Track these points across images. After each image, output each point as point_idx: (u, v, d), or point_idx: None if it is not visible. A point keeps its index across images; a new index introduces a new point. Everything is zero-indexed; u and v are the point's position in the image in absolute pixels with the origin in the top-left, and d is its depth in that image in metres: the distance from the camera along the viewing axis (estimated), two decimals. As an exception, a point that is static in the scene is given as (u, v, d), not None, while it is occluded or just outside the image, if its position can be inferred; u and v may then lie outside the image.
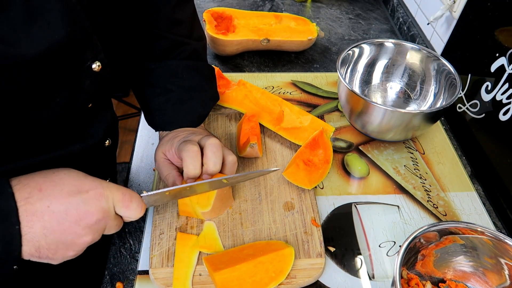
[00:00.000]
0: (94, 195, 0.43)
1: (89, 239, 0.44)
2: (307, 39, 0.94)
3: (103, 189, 0.44)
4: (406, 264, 0.53)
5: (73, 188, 0.43)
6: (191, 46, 0.65)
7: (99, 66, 0.48)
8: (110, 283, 0.56)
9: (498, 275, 0.52)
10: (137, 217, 0.48)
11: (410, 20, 1.07)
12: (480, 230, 0.52)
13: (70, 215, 0.42)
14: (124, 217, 0.48)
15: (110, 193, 0.45)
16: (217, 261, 0.54)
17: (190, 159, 0.54)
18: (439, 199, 0.68)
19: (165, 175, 0.58)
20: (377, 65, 0.84)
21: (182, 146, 0.56)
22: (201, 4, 1.14)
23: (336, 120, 0.81)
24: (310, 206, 0.63)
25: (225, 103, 0.77)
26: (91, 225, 0.43)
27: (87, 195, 0.43)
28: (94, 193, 0.43)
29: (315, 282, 0.57)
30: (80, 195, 0.42)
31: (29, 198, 0.40)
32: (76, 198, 0.42)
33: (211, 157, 0.54)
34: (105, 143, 0.60)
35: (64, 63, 0.43)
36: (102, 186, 0.45)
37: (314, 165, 0.68)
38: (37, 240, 0.40)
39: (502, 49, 0.68)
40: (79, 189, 0.43)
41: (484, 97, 0.72)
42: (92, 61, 0.48)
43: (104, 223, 0.44)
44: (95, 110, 0.54)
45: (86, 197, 0.43)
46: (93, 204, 0.43)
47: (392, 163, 0.74)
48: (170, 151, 0.59)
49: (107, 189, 0.45)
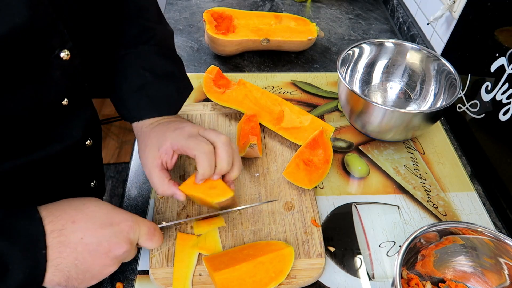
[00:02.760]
0: (124, 227, 0.46)
1: (113, 269, 0.46)
2: (307, 39, 0.94)
3: (132, 223, 0.47)
4: (406, 264, 0.53)
5: (105, 221, 0.45)
6: (160, 32, 0.64)
7: (67, 55, 0.47)
8: (110, 283, 0.56)
9: (498, 275, 0.52)
10: (156, 247, 0.51)
11: (410, 20, 1.07)
12: (480, 230, 0.52)
13: (101, 246, 0.44)
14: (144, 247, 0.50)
15: (138, 226, 0.48)
16: (217, 261, 0.54)
17: (206, 162, 0.52)
18: (439, 199, 0.68)
19: (161, 192, 0.55)
20: (377, 65, 0.84)
21: (192, 144, 0.52)
22: (201, 4, 1.14)
23: (336, 120, 0.81)
24: (310, 206, 0.63)
25: (225, 103, 0.77)
26: (118, 256, 0.45)
27: (118, 228, 0.45)
28: (124, 225, 0.46)
29: (315, 282, 0.56)
30: (112, 228, 0.45)
31: (63, 230, 0.42)
32: (108, 231, 0.45)
33: (225, 157, 0.53)
34: (86, 143, 0.58)
35: (28, 49, 0.43)
36: (132, 219, 0.47)
37: (314, 165, 0.68)
38: (68, 270, 0.42)
39: (502, 49, 0.68)
40: (110, 222, 0.45)
41: (484, 97, 0.72)
42: (60, 49, 0.47)
43: (128, 254, 0.47)
44: (72, 108, 0.53)
45: (117, 229, 0.45)
46: (123, 236, 0.46)
47: (392, 163, 0.74)
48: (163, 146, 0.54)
49: (136, 223, 0.48)
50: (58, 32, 0.46)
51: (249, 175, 0.67)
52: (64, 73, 0.49)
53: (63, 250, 0.42)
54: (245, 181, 0.66)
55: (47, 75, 0.47)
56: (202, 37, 1.02)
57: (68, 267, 0.42)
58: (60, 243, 0.42)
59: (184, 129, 0.55)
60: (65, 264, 0.42)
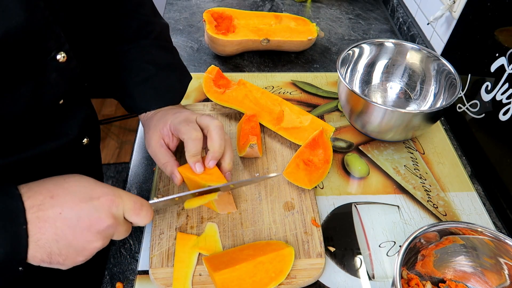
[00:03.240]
0: (105, 201, 0.44)
1: (99, 244, 0.44)
2: (307, 39, 0.94)
3: (114, 196, 0.45)
4: (406, 264, 0.53)
5: (84, 195, 0.44)
6: (158, 26, 0.67)
7: (64, 57, 0.48)
8: (110, 283, 0.56)
9: (498, 275, 0.52)
10: (146, 223, 0.49)
11: (410, 20, 1.07)
12: (480, 230, 0.52)
13: (81, 221, 0.43)
14: (134, 223, 0.49)
15: (121, 200, 0.46)
16: (217, 261, 0.54)
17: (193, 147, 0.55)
18: (439, 199, 0.68)
19: (163, 163, 0.58)
20: (377, 65, 0.84)
21: (183, 129, 0.56)
22: (201, 4, 1.14)
23: (336, 120, 0.81)
24: (310, 206, 0.63)
25: (225, 102, 0.77)
26: (102, 231, 0.44)
27: (98, 202, 0.44)
28: (105, 199, 0.44)
29: (315, 282, 0.56)
30: (92, 202, 0.43)
31: (41, 205, 0.42)
32: (87, 205, 0.43)
33: (216, 139, 0.56)
34: (83, 142, 0.59)
35: (24, 51, 0.43)
36: (113, 193, 0.46)
37: (314, 165, 0.68)
38: (49, 246, 0.41)
39: (502, 49, 0.68)
40: (90, 196, 0.44)
41: (484, 97, 0.72)
42: (56, 51, 0.47)
43: (114, 229, 0.45)
44: (68, 107, 0.54)
45: (97, 203, 0.44)
46: (104, 210, 0.44)
47: (392, 163, 0.74)
48: (164, 129, 0.58)
49: (118, 196, 0.46)
50: (55, 35, 0.46)
51: (249, 175, 0.67)
52: (60, 75, 0.49)
53: (42, 225, 0.41)
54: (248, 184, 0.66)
55: (43, 77, 0.47)
56: (202, 37, 1.02)
57: (48, 242, 0.41)
58: (38, 218, 0.41)
59: (182, 114, 0.59)
60: (45, 240, 0.41)
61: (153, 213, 0.49)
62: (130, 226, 0.48)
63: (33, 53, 0.44)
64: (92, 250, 0.44)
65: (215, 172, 0.57)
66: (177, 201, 0.55)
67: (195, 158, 0.55)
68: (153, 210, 0.49)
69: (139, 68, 0.63)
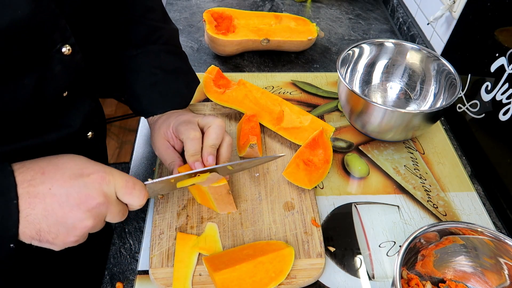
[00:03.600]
0: (95, 178, 0.44)
1: (90, 223, 0.43)
2: (307, 39, 0.94)
3: (105, 173, 0.44)
4: (406, 264, 0.53)
5: (75, 172, 0.43)
6: (167, 31, 0.67)
7: (69, 50, 0.48)
8: (110, 283, 0.56)
9: (498, 275, 0.52)
10: (139, 204, 0.48)
11: (410, 20, 1.07)
12: (480, 230, 0.52)
13: (71, 198, 0.42)
14: (128, 205, 0.48)
15: (113, 178, 0.45)
16: (217, 261, 0.54)
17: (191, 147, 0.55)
18: (439, 199, 0.68)
19: (169, 163, 0.59)
20: (377, 65, 0.84)
21: (182, 129, 0.56)
22: (201, 4, 1.14)
23: (336, 120, 0.81)
24: (310, 206, 0.63)
25: (225, 103, 0.77)
26: (92, 208, 0.43)
27: (88, 179, 0.43)
28: (95, 176, 0.44)
29: (315, 282, 0.56)
30: (82, 179, 0.43)
31: (32, 180, 0.41)
32: (77, 182, 0.43)
33: (211, 135, 0.56)
34: (87, 136, 0.59)
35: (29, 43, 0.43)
36: (104, 170, 0.45)
37: (314, 165, 0.68)
38: (38, 222, 0.41)
39: (502, 49, 0.68)
40: (81, 173, 0.43)
41: (484, 97, 0.72)
42: (61, 44, 0.47)
43: (105, 208, 0.44)
44: (71, 99, 0.54)
45: (87, 180, 0.43)
46: (94, 187, 0.43)
47: (392, 163, 0.74)
48: (168, 132, 0.59)
49: (110, 174, 0.45)
50: (60, 27, 0.46)
51: (249, 175, 0.67)
52: (65, 67, 0.49)
53: (31, 200, 0.40)
54: (245, 181, 0.66)
55: (48, 69, 0.47)
56: (202, 37, 1.02)
57: (37, 218, 0.41)
58: (28, 193, 0.41)
59: (185, 116, 0.60)
60: (34, 216, 0.41)
61: (147, 195, 0.48)
62: (125, 208, 0.48)
63: (38, 45, 0.44)
64: (83, 230, 0.43)
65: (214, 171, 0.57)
66: (173, 183, 0.53)
67: (193, 157, 0.55)
68: (147, 192, 0.48)
69: (147, 73, 0.64)
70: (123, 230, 0.62)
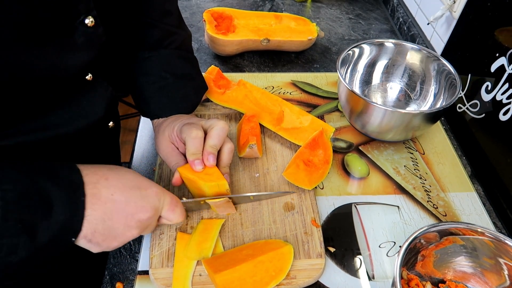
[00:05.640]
0: (151, 193, 0.48)
1: (136, 233, 0.47)
2: (307, 39, 0.94)
3: (158, 190, 0.49)
4: (406, 264, 0.53)
5: (134, 184, 0.47)
6: (180, 36, 0.68)
7: (92, 22, 0.48)
8: (110, 283, 0.56)
9: (498, 276, 0.53)
10: (178, 221, 0.52)
11: (410, 20, 1.07)
12: (480, 230, 0.52)
13: (129, 206, 0.45)
14: (166, 220, 0.52)
15: (163, 194, 0.49)
16: (217, 263, 0.54)
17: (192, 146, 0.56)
18: (439, 199, 0.68)
19: (173, 165, 0.59)
20: (377, 65, 0.84)
21: (185, 130, 0.57)
22: (201, 4, 1.14)
23: (336, 120, 0.81)
24: (310, 207, 0.63)
25: (225, 103, 0.77)
26: (143, 220, 0.47)
27: (145, 192, 0.47)
28: (151, 191, 0.48)
29: (315, 282, 0.56)
30: (140, 191, 0.47)
31: (97, 183, 0.44)
32: (136, 193, 0.47)
33: (213, 136, 0.57)
34: (109, 125, 0.61)
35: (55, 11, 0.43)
36: (157, 186, 0.50)
37: (314, 165, 0.68)
38: (96, 223, 0.43)
39: (502, 49, 0.68)
40: (139, 186, 0.47)
41: (484, 97, 0.72)
42: (85, 16, 0.48)
43: (151, 221, 0.48)
44: (95, 83, 0.55)
45: (145, 193, 0.47)
46: (149, 201, 0.47)
47: (392, 163, 0.74)
48: (172, 134, 0.60)
49: (162, 191, 0.50)
50: None
51: (249, 176, 0.67)
52: (88, 40, 0.49)
53: (95, 202, 0.43)
54: (245, 182, 0.66)
55: (71, 40, 0.47)
56: (202, 37, 1.02)
57: (96, 220, 0.43)
58: (93, 195, 0.43)
59: (188, 120, 0.60)
60: (94, 217, 0.43)
61: (185, 214, 0.53)
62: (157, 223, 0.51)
63: (63, 14, 0.45)
64: (127, 237, 0.46)
65: (215, 172, 0.57)
66: (202, 205, 0.59)
67: (194, 156, 0.56)
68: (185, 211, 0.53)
69: (157, 76, 0.64)
70: (123, 230, 0.62)
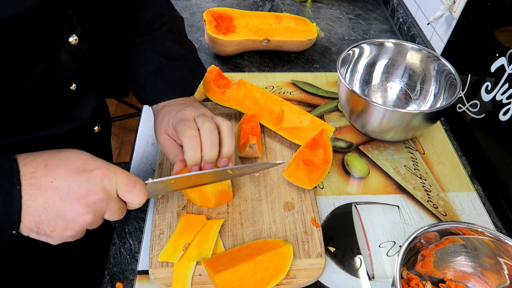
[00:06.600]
0: (97, 174, 0.44)
1: (88, 219, 0.43)
2: (307, 39, 0.94)
3: (107, 170, 0.45)
4: (406, 264, 0.53)
5: (78, 167, 0.44)
6: (172, 18, 0.67)
7: (76, 40, 0.48)
8: (110, 283, 0.56)
9: (498, 275, 0.52)
10: (138, 203, 0.48)
11: (410, 20, 1.07)
12: (480, 230, 0.52)
13: (72, 192, 0.42)
14: (127, 203, 0.48)
15: (115, 175, 0.45)
16: (217, 263, 0.54)
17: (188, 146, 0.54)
18: (439, 199, 0.68)
19: (172, 157, 0.59)
20: (377, 65, 0.84)
21: (180, 129, 0.55)
22: (201, 4, 1.14)
23: (336, 120, 0.81)
24: (310, 206, 0.63)
25: (225, 103, 0.77)
26: (92, 204, 0.43)
27: (90, 174, 0.44)
28: (98, 172, 0.44)
29: (315, 282, 0.56)
30: (84, 174, 0.43)
31: (35, 172, 0.42)
32: (79, 176, 0.43)
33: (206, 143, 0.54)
34: (94, 129, 0.60)
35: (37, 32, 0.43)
36: (107, 167, 0.45)
37: (314, 165, 0.68)
38: (38, 214, 0.41)
39: (502, 49, 0.68)
40: (83, 168, 0.44)
41: (484, 97, 0.72)
42: (69, 34, 0.48)
43: (105, 204, 0.44)
44: (80, 93, 0.54)
45: (89, 176, 0.43)
46: (96, 183, 0.44)
47: (392, 163, 0.74)
48: (168, 128, 0.59)
49: (112, 171, 0.45)
50: (67, 17, 0.47)
51: (249, 175, 0.67)
52: (72, 57, 0.49)
53: (33, 192, 0.41)
54: (245, 181, 0.66)
55: (55, 58, 0.47)
56: (202, 37, 1.02)
57: (38, 211, 0.41)
58: (30, 185, 0.41)
59: (183, 113, 0.58)
60: (35, 208, 0.41)
61: (147, 194, 0.48)
62: (124, 206, 0.48)
63: (47, 34, 0.45)
64: (81, 224, 0.43)
65: None
66: (173, 184, 0.53)
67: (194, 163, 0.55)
68: (147, 191, 0.48)
69: (151, 60, 0.63)
70: (123, 230, 0.62)
